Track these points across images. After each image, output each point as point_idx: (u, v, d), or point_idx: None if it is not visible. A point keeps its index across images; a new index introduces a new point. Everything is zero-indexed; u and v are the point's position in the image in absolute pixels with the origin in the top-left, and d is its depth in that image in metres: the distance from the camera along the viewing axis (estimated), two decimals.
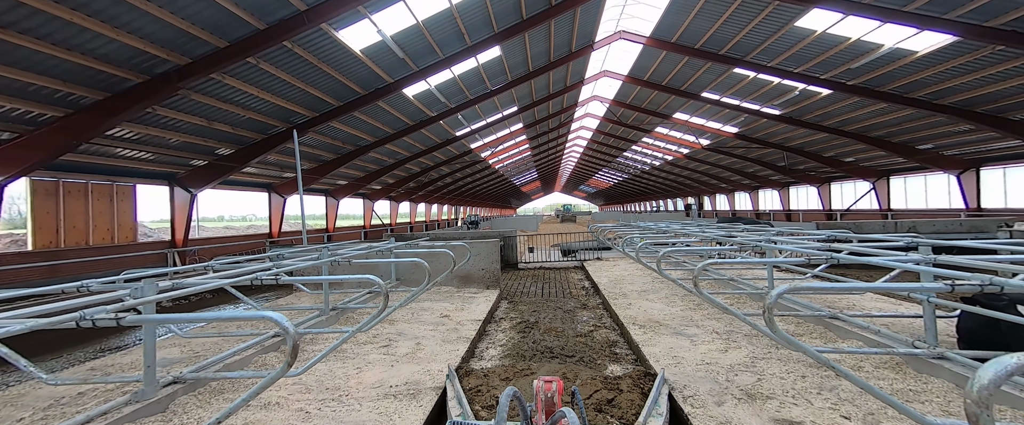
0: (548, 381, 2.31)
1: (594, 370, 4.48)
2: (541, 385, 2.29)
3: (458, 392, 3.55)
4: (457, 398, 3.46)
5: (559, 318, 7.19)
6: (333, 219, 24.50)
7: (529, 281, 11.19)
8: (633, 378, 3.93)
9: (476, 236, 13.73)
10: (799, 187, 31.86)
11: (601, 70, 22.73)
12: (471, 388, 3.84)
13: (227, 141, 13.69)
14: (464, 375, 4.15)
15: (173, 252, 14.37)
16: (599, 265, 12.13)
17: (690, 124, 26.24)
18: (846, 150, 22.48)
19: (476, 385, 3.91)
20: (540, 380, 2.31)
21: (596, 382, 3.87)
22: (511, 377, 4.14)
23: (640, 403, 3.42)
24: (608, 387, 3.75)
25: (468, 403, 3.41)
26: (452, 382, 3.77)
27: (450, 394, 3.60)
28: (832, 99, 17.23)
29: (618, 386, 3.76)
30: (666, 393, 3.47)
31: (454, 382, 3.76)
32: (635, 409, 3.35)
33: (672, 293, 7.79)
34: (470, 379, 4.06)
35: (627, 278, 9.70)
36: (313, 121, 14.39)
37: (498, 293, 8.60)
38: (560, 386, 2.31)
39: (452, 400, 3.47)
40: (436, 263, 8.89)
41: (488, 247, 8.94)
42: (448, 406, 3.45)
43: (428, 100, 17.55)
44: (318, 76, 12.28)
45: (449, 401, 3.50)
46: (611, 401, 3.51)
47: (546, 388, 2.29)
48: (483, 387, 3.85)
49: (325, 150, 18.34)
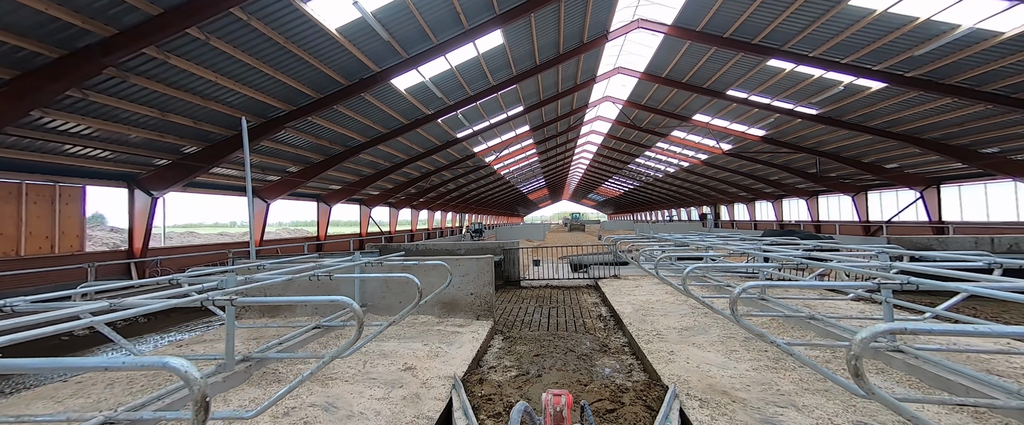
0: (557, 394, 2.15)
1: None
2: (550, 398, 2.15)
3: (464, 403, 3.46)
4: (462, 409, 3.38)
5: (572, 366, 5.19)
6: (325, 226, 22.82)
7: (532, 304, 9.21)
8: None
9: (473, 249, 11.82)
10: (830, 196, 29.43)
11: (615, 67, 20.87)
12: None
13: (191, 137, 12.04)
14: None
15: (132, 263, 12.69)
16: (617, 286, 10.10)
17: (711, 126, 24.17)
18: (890, 155, 20.18)
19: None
20: (549, 393, 2.17)
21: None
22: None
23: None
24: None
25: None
26: (458, 392, 3.65)
27: (456, 404, 3.49)
28: (882, 95, 15.08)
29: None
30: (677, 409, 3.35)
31: (460, 392, 3.64)
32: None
33: (725, 332, 5.75)
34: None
35: (656, 305, 7.66)
36: (291, 115, 12.70)
37: (491, 325, 6.63)
38: (569, 400, 2.14)
39: (458, 411, 3.38)
40: (405, 289, 6.99)
41: (479, 266, 7.00)
42: (453, 417, 3.35)
43: (423, 95, 15.83)
44: (288, 60, 10.59)
45: (454, 412, 3.39)
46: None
47: (555, 401, 2.14)
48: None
49: (312, 151, 16.67)
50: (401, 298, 7.05)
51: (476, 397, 4.08)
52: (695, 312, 7.09)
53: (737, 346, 5.18)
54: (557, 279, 11.90)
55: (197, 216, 73.10)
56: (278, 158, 16.06)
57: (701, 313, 6.96)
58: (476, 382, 4.49)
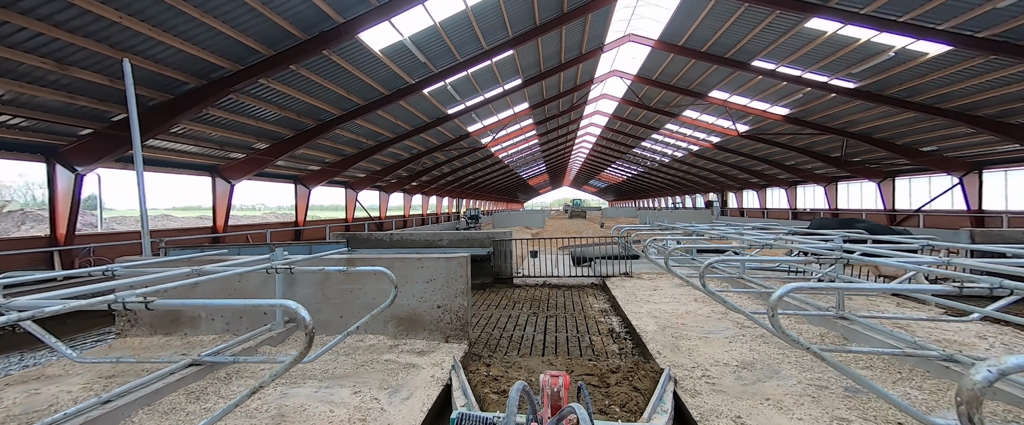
0: (554, 375, 2.20)
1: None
2: (547, 379, 2.18)
3: (463, 383, 3.46)
4: (462, 388, 3.37)
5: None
6: (304, 210, 20.88)
7: (526, 310, 7.34)
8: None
9: (458, 240, 9.89)
10: (851, 182, 27.36)
11: (626, 33, 18.57)
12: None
13: (111, 100, 9.96)
14: None
15: (56, 251, 10.81)
16: (630, 287, 8.21)
17: (729, 105, 21.95)
18: (930, 136, 18.04)
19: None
20: (546, 374, 2.21)
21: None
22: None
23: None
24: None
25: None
26: (457, 372, 3.65)
27: (455, 384, 3.50)
28: (940, 62, 12.90)
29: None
30: (671, 391, 3.41)
31: (459, 372, 3.63)
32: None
33: (810, 375, 3.85)
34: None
35: (685, 319, 5.76)
36: (239, 75, 10.57)
37: (465, 350, 4.75)
38: (566, 381, 2.19)
39: (457, 390, 3.37)
40: (350, 299, 5.10)
41: (449, 269, 5.06)
42: (453, 396, 3.34)
43: (404, 60, 13.66)
44: (232, 6, 8.46)
45: (454, 392, 3.38)
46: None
47: (552, 382, 2.18)
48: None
49: (280, 124, 14.59)
50: (344, 311, 5.16)
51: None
52: (743, 331, 5.20)
53: (838, 404, 3.30)
54: (557, 276, 10.01)
55: (194, 199, 69.98)
56: (241, 132, 13.98)
57: (753, 333, 5.07)
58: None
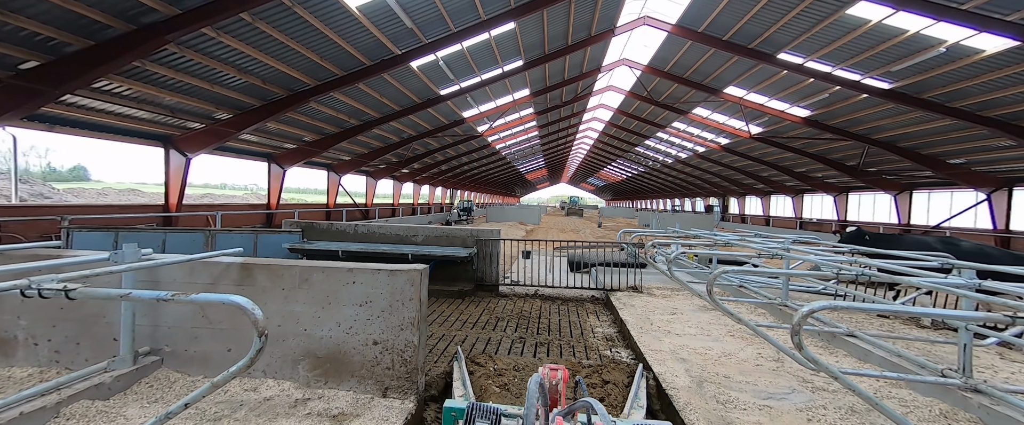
0: (553, 368, 2.22)
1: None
2: (546, 372, 2.17)
3: (463, 374, 3.45)
4: (462, 380, 3.37)
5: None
6: (277, 192, 19.10)
7: (509, 331, 5.74)
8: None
9: (435, 236, 8.23)
10: (863, 193, 26.04)
11: (640, 16, 16.88)
12: None
13: (27, 46, 8.14)
14: None
15: None
16: (641, 308, 6.63)
17: (745, 103, 20.38)
18: (963, 147, 16.63)
19: None
20: (545, 367, 2.21)
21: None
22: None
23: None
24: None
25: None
26: (459, 363, 3.63)
27: (455, 375, 3.49)
28: (997, 62, 11.34)
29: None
30: (644, 387, 3.44)
31: (461, 363, 3.62)
32: None
33: None
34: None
35: (728, 366, 4.16)
36: (172, 23, 8.80)
37: (410, 411, 3.13)
38: (565, 374, 2.20)
39: (457, 381, 3.37)
40: (247, 320, 3.49)
41: (392, 287, 3.37)
42: (453, 387, 3.37)
43: (389, 26, 11.90)
44: None
45: (454, 383, 3.39)
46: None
47: (551, 376, 2.18)
48: None
49: (246, 93, 12.79)
50: (233, 343, 3.50)
51: None
52: (817, 394, 3.64)
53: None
54: (551, 286, 8.39)
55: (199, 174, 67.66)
56: (198, 98, 12.11)
57: (836, 400, 3.51)
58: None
